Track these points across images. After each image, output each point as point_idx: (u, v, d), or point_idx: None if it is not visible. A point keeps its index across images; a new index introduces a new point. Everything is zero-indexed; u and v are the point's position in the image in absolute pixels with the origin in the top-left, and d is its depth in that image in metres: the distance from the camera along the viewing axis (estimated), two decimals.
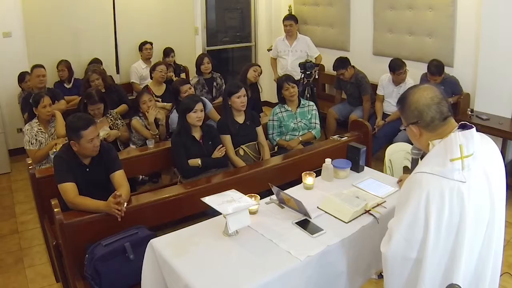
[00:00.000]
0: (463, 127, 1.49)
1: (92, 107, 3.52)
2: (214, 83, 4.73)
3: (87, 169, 2.57)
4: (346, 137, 3.36)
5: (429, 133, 1.53)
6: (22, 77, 4.53)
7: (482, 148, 1.51)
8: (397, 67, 4.30)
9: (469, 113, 4.06)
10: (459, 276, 1.47)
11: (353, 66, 4.76)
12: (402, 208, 1.49)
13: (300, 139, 3.68)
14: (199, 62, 4.72)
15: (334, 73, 4.91)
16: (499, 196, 1.54)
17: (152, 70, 4.59)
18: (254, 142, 3.45)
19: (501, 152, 2.04)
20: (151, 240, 1.95)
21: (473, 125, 1.49)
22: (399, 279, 1.55)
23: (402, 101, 1.58)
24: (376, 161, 4.00)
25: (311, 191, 2.38)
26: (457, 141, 1.44)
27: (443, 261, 1.47)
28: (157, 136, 3.69)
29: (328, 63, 5.85)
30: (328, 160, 2.50)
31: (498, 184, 1.54)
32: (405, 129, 1.62)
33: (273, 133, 3.72)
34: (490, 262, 1.56)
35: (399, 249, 1.51)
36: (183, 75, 5.49)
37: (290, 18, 5.25)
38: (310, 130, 3.75)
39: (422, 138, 1.56)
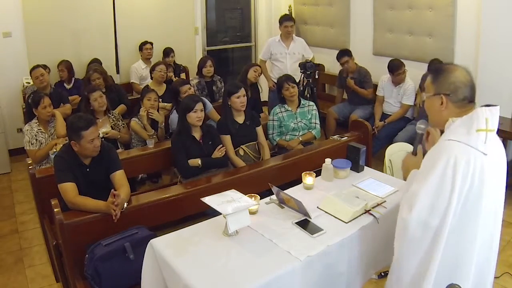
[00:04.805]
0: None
1: (94, 94, 3.52)
2: (214, 87, 4.72)
3: (87, 169, 2.57)
4: (346, 137, 3.36)
5: (454, 108, 1.57)
6: None
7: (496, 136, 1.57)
8: (395, 68, 4.30)
9: None
10: (474, 250, 1.52)
11: (356, 63, 4.76)
12: (428, 173, 1.50)
13: (300, 139, 3.68)
14: (201, 65, 4.69)
15: (334, 73, 4.90)
16: (503, 181, 1.60)
17: (152, 70, 4.59)
18: (254, 142, 3.45)
19: None
20: (151, 240, 1.95)
21: (497, 104, 1.55)
22: (417, 248, 1.55)
23: (439, 71, 1.61)
24: (376, 161, 4.00)
25: (311, 191, 2.37)
26: (484, 114, 1.51)
27: (459, 231, 1.50)
28: (155, 136, 3.68)
29: (328, 63, 5.86)
30: (328, 160, 2.50)
31: (503, 169, 1.60)
32: (421, 104, 1.67)
33: (273, 133, 3.72)
34: (497, 242, 1.61)
35: (422, 215, 1.50)
36: (183, 75, 5.49)
37: (291, 19, 5.09)
38: (310, 130, 3.75)
39: (444, 112, 1.58)
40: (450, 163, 1.45)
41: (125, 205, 2.39)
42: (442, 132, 1.62)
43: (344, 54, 4.71)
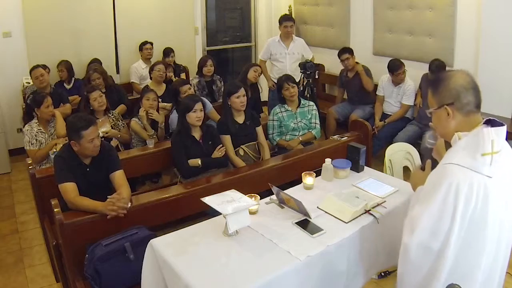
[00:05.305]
0: (488, 123, 1.50)
1: (94, 94, 3.52)
2: (214, 86, 4.73)
3: (88, 169, 2.57)
4: (346, 137, 3.36)
5: (461, 116, 1.51)
6: None
7: (505, 148, 1.53)
8: (395, 68, 4.31)
9: None
10: (480, 271, 1.49)
11: (357, 62, 4.76)
12: (430, 198, 1.48)
13: (300, 139, 3.67)
14: (201, 64, 4.70)
15: (334, 73, 4.89)
16: None
17: (151, 70, 4.59)
18: (254, 142, 3.45)
19: None
20: (151, 240, 1.95)
21: (503, 123, 1.50)
22: (418, 270, 1.54)
23: (437, 82, 1.56)
24: (376, 161, 4.00)
25: (311, 191, 2.37)
26: (490, 137, 1.45)
27: (463, 254, 1.48)
28: (155, 136, 3.68)
29: (328, 63, 5.86)
30: (328, 160, 2.50)
31: None
32: (430, 114, 1.59)
33: (273, 133, 3.72)
34: (500, 263, 1.57)
35: (424, 239, 1.49)
36: (183, 75, 5.48)
37: (290, 19, 5.08)
38: (310, 130, 3.75)
39: (452, 122, 1.52)
40: (452, 188, 1.43)
41: (129, 205, 2.39)
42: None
43: (345, 51, 4.73)
